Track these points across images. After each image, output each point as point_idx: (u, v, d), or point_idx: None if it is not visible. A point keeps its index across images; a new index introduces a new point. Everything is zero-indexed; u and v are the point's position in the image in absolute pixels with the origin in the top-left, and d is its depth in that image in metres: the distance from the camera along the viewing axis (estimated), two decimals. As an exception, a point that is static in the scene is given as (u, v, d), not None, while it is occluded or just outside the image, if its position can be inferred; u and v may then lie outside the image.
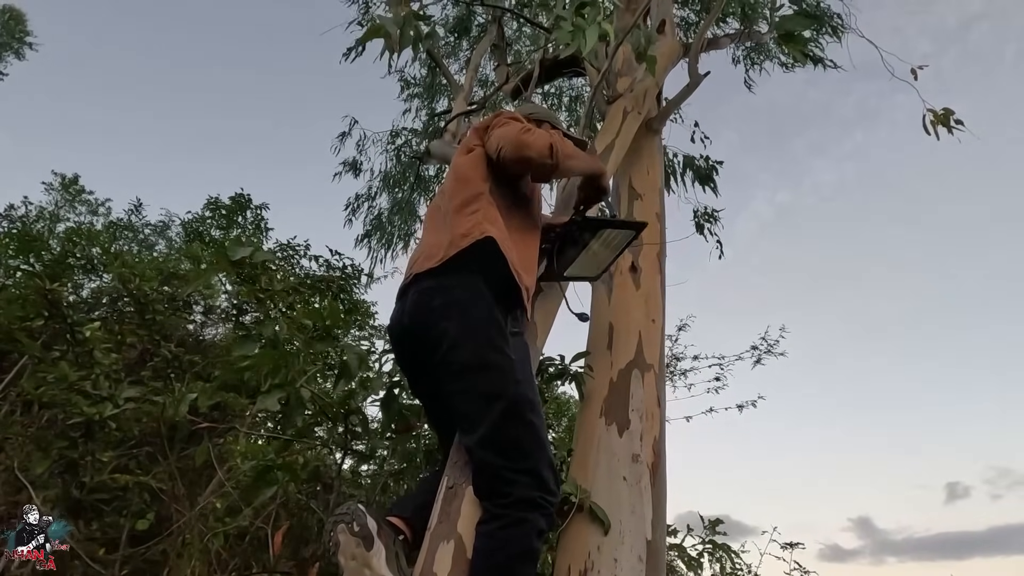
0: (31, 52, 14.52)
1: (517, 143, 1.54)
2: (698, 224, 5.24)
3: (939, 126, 3.73)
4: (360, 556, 1.27)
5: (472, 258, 1.50)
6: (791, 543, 3.06)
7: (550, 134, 1.58)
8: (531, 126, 1.62)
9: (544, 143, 1.54)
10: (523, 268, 1.57)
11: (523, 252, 1.60)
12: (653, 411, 2.00)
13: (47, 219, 7.31)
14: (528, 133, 1.56)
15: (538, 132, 1.58)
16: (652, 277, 2.50)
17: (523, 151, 1.54)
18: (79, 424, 2.23)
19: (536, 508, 1.34)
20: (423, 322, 1.51)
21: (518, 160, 1.55)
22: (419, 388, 1.73)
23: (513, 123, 1.63)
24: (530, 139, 1.54)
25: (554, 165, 1.55)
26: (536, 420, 1.43)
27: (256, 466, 2.06)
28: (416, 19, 1.95)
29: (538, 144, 1.53)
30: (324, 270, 5.38)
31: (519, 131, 1.57)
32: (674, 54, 3.82)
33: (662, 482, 1.85)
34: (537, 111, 1.96)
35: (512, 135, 1.56)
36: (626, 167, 3.10)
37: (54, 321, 2.56)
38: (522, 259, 1.58)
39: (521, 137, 1.55)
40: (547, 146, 1.53)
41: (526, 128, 1.59)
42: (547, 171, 1.60)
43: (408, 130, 6.78)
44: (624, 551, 1.59)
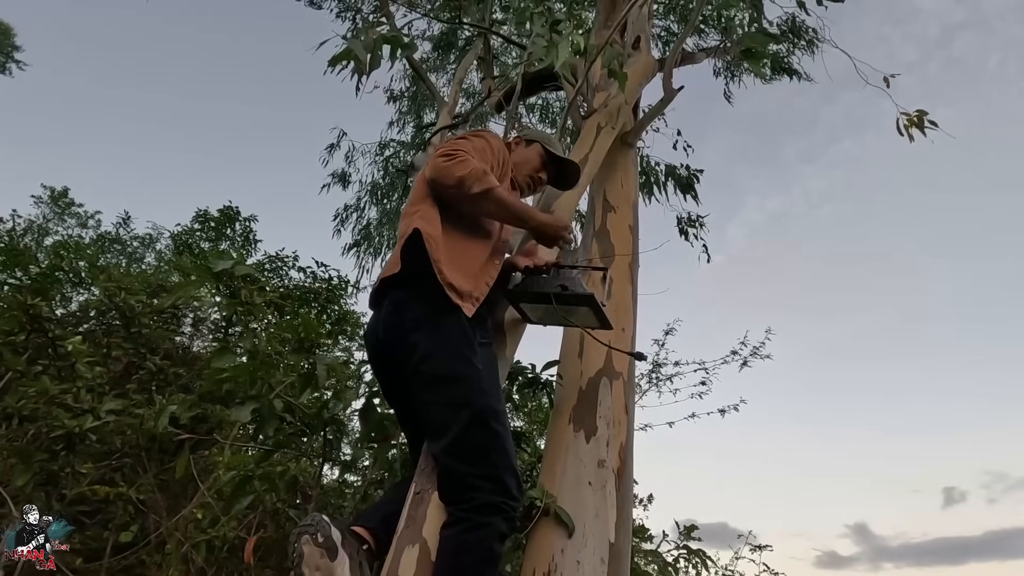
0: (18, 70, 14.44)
1: (432, 167, 1.61)
2: (682, 230, 5.35)
3: (912, 128, 3.84)
4: (324, 567, 1.30)
5: (420, 262, 1.55)
6: (759, 545, 3.12)
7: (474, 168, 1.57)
8: (462, 152, 1.61)
9: (455, 172, 1.55)
10: (456, 268, 1.59)
11: (462, 256, 1.62)
12: (620, 418, 2.06)
13: (35, 232, 7.31)
14: (446, 159, 1.58)
15: (460, 162, 1.57)
16: (623, 287, 2.58)
17: (431, 174, 1.60)
18: (61, 437, 2.26)
19: (498, 512, 1.39)
20: (396, 335, 1.57)
21: (431, 183, 1.62)
22: (393, 396, 1.78)
23: (446, 146, 1.65)
24: (443, 164, 1.57)
25: (462, 196, 1.57)
26: (500, 429, 1.49)
27: (235, 477, 2.10)
28: (386, 42, 2.02)
29: (450, 172, 1.56)
30: (311, 282, 5.43)
31: (438, 155, 1.61)
32: (649, 70, 3.93)
33: (627, 486, 1.92)
34: (530, 132, 2.02)
35: (433, 159, 1.61)
36: (600, 180, 3.19)
37: (36, 335, 2.60)
38: (458, 261, 1.60)
39: (436, 162, 1.59)
40: (456, 176, 1.55)
41: (447, 154, 1.60)
42: (457, 200, 1.61)
43: (396, 142, 6.87)
44: (587, 553, 1.65)
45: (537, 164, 1.93)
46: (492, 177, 1.61)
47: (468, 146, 1.66)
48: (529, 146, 1.96)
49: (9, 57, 14.34)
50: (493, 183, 1.60)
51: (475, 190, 1.56)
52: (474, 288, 1.62)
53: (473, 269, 1.64)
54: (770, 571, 3.32)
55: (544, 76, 4.99)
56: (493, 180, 1.61)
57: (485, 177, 1.59)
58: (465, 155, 1.60)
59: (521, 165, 1.91)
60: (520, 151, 1.96)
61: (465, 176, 1.56)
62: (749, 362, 5.62)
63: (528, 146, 1.96)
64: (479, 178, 1.57)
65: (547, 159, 1.94)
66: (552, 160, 1.95)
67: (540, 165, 1.94)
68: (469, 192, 1.56)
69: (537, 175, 1.94)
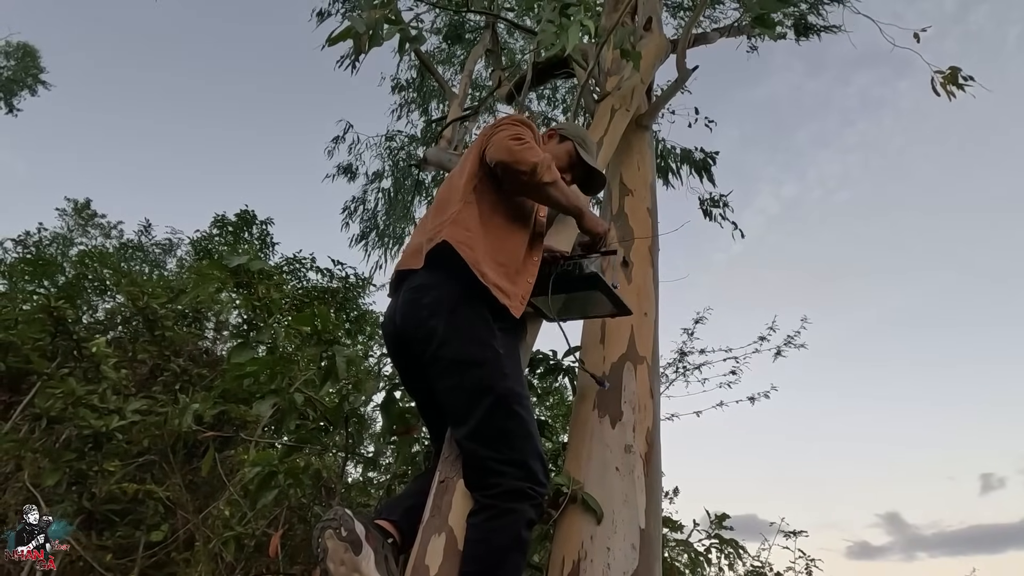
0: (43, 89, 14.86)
1: (504, 149, 1.56)
2: (705, 211, 5.20)
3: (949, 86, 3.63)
4: (349, 561, 1.28)
5: (441, 259, 1.53)
6: (794, 531, 3.03)
7: (544, 156, 1.58)
8: (527, 137, 1.61)
9: (529, 159, 1.54)
10: (495, 263, 1.57)
11: (502, 253, 1.60)
12: (646, 403, 2.01)
13: (60, 243, 7.49)
14: (518, 143, 1.56)
15: (530, 148, 1.57)
16: (644, 271, 2.51)
17: (504, 156, 1.55)
18: (88, 437, 2.30)
19: (525, 498, 1.36)
20: (413, 321, 1.54)
21: (500, 165, 1.57)
22: (412, 385, 1.76)
23: (511, 128, 1.63)
24: (517, 148, 1.55)
25: (531, 184, 1.56)
26: (523, 412, 1.45)
27: (260, 472, 2.10)
28: (388, 23, 1.99)
29: (524, 158, 1.54)
30: (328, 281, 5.45)
31: (509, 137, 1.58)
32: (662, 51, 3.84)
33: (656, 472, 1.86)
34: (568, 128, 1.94)
35: (502, 141, 1.57)
36: (616, 164, 3.12)
37: (61, 338, 2.64)
38: (496, 254, 1.58)
39: (509, 144, 1.56)
40: (531, 162, 1.54)
41: (518, 137, 1.59)
42: (524, 187, 1.60)
43: (404, 134, 6.84)
44: (617, 540, 1.60)
45: (564, 163, 1.85)
46: (555, 165, 1.63)
47: (528, 134, 1.64)
48: (562, 143, 1.89)
49: (36, 79, 14.79)
50: (558, 174, 1.62)
51: (545, 179, 1.57)
52: (516, 286, 1.60)
53: (515, 265, 1.63)
54: (806, 557, 3.23)
55: (554, 64, 4.92)
56: (556, 170, 1.63)
57: (553, 166, 1.60)
58: (532, 143, 1.60)
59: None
60: (552, 145, 1.88)
61: (538, 164, 1.55)
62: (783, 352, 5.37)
63: (561, 143, 1.89)
64: (549, 166, 1.59)
65: (576, 161, 1.87)
66: (580, 164, 1.88)
67: (567, 165, 1.86)
68: (540, 180, 1.56)
69: (562, 175, 1.84)
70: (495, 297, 1.52)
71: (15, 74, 14.54)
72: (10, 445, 2.60)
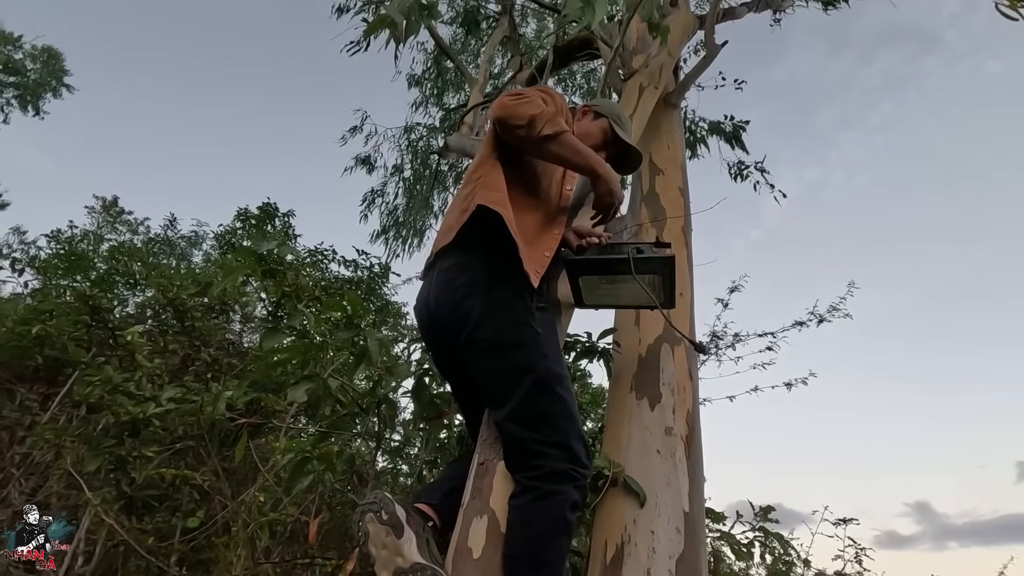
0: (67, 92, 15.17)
1: (499, 105, 1.50)
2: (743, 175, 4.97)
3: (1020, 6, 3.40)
4: (391, 544, 1.26)
5: (476, 228, 1.47)
6: (844, 519, 2.93)
7: (544, 109, 1.48)
8: (531, 96, 1.52)
9: (525, 111, 1.46)
10: (521, 235, 1.49)
11: (519, 221, 1.52)
12: (685, 384, 1.95)
13: (91, 240, 7.66)
14: (515, 98, 1.49)
15: (528, 102, 1.48)
16: (678, 251, 2.42)
17: (499, 112, 1.49)
18: (126, 423, 2.33)
19: (568, 480, 1.32)
20: (448, 302, 1.50)
21: (497, 122, 1.50)
22: (447, 368, 1.72)
23: (515, 91, 1.56)
24: (511, 103, 1.47)
25: (530, 139, 1.47)
26: (564, 393, 1.41)
27: (293, 458, 2.10)
28: (420, 8, 1.94)
29: (519, 111, 1.46)
30: (352, 271, 5.47)
31: (507, 95, 1.51)
32: (689, 27, 3.73)
33: (698, 454, 1.81)
34: (603, 105, 1.84)
35: (500, 99, 1.51)
36: (646, 143, 3.04)
37: (97, 327, 2.68)
38: (520, 227, 1.50)
39: (504, 100, 1.49)
40: (527, 115, 1.45)
41: (518, 94, 1.51)
42: (523, 142, 1.51)
43: (423, 125, 6.78)
44: (661, 523, 1.55)
45: (599, 141, 1.76)
46: (563, 120, 1.52)
47: (535, 93, 1.55)
48: (596, 120, 1.79)
49: (60, 82, 15.11)
50: (564, 127, 1.50)
51: (546, 132, 1.47)
52: (535, 253, 1.51)
53: (527, 235, 1.53)
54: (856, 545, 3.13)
55: (575, 47, 4.83)
56: (564, 124, 1.51)
57: (556, 118, 1.50)
58: (534, 96, 1.51)
59: (582, 137, 1.70)
60: (585, 122, 1.80)
61: (536, 116, 1.46)
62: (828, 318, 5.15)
63: (595, 119, 1.79)
64: (550, 118, 1.48)
65: (611, 139, 1.78)
66: (615, 142, 1.79)
67: (601, 143, 1.77)
68: (538, 134, 1.46)
69: (597, 153, 1.72)
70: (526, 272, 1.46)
71: (41, 77, 14.86)
72: (51, 434, 2.67)
